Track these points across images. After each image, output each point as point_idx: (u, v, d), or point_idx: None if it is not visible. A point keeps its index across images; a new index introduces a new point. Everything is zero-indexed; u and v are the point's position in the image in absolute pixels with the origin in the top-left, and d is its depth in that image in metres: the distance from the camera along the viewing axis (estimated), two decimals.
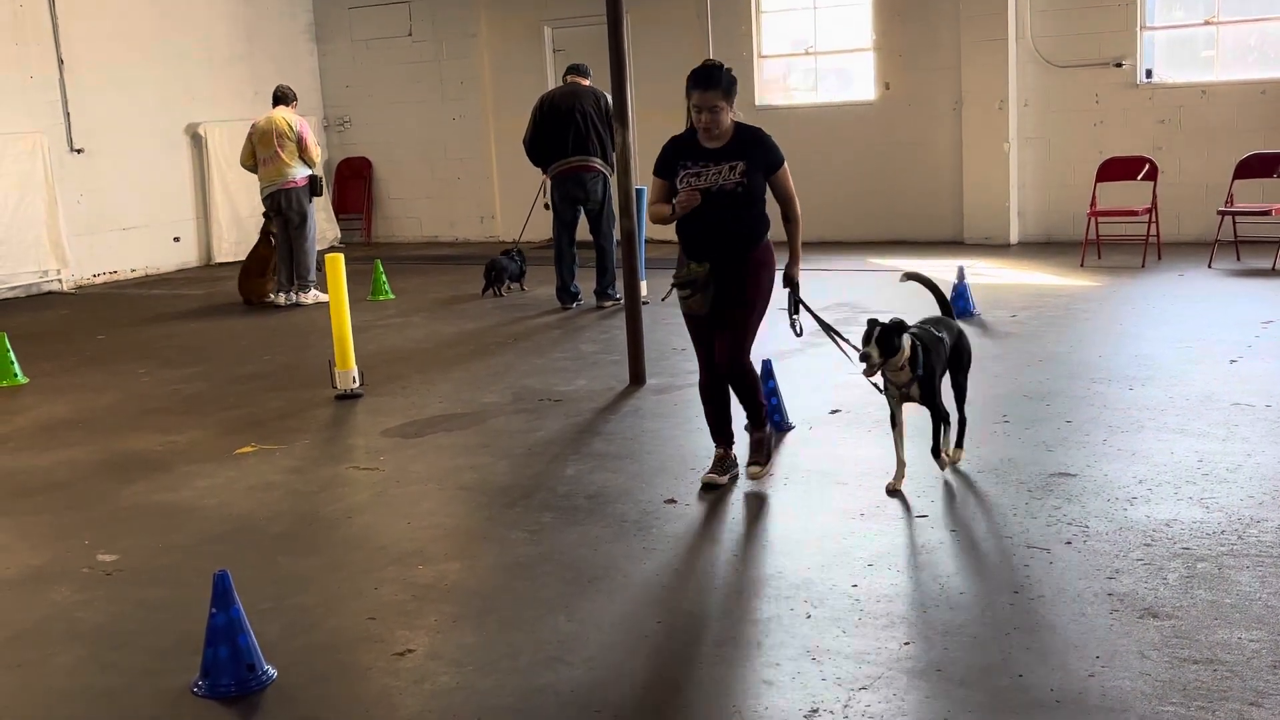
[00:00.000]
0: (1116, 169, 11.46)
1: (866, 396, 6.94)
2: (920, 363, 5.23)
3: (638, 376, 7.64)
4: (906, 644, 3.91)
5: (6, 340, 8.77)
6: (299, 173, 11.22)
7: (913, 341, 5.23)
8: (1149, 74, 12.07)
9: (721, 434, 5.65)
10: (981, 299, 9.26)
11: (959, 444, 5.69)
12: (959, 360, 5.62)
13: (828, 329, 5.82)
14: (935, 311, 5.91)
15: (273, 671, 3.95)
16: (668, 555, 4.80)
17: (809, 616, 4.15)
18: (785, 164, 5.48)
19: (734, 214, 5.36)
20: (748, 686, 3.71)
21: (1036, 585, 4.29)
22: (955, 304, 8.96)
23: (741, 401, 5.64)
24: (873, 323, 5.18)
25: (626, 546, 4.89)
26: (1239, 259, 10.81)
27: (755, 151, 5.39)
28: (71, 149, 13.56)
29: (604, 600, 4.40)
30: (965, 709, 3.49)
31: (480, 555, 4.98)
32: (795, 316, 5.60)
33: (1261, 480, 5.22)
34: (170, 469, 6.40)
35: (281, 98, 11.44)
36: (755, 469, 5.59)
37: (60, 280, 13.35)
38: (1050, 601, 4.16)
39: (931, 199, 13.06)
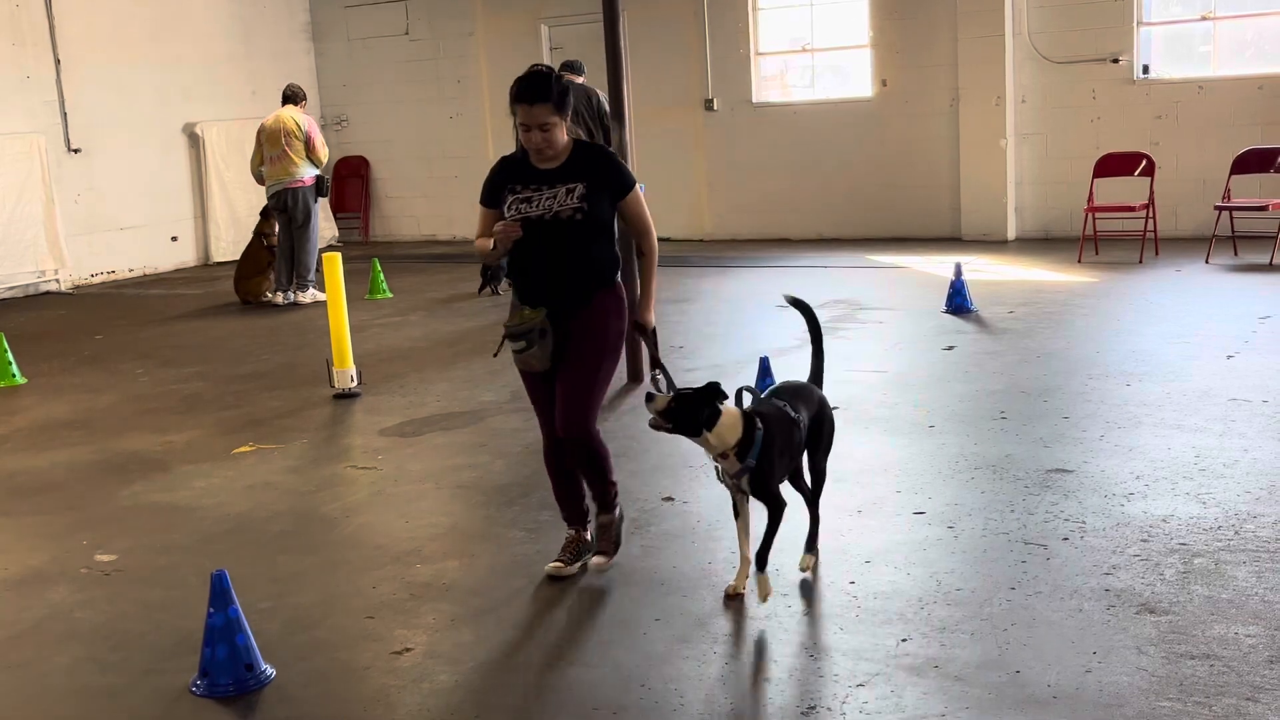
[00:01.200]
0: (1114, 164, 11.47)
1: (864, 393, 6.97)
2: (756, 450, 4.16)
3: (635, 374, 7.64)
4: (904, 640, 3.91)
5: (4, 340, 8.77)
6: (306, 172, 11.25)
7: (750, 421, 4.19)
8: (1146, 69, 12.08)
9: (572, 512, 4.73)
10: (979, 295, 9.27)
11: (810, 547, 4.52)
12: (818, 439, 4.51)
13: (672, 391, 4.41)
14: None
15: (271, 671, 3.95)
16: (665, 553, 4.80)
17: (807, 613, 4.16)
18: (638, 188, 4.56)
19: (574, 247, 4.41)
20: (746, 683, 3.72)
21: (1034, 581, 4.30)
22: (953, 301, 9.02)
23: (585, 478, 4.68)
24: (707, 390, 4.21)
25: (625, 545, 4.89)
26: (1236, 254, 10.82)
27: (599, 172, 4.45)
28: (69, 149, 13.56)
29: (602, 598, 4.41)
30: (962, 705, 3.50)
31: (478, 554, 4.99)
32: (655, 373, 4.48)
33: (1258, 475, 5.22)
34: (168, 469, 6.40)
35: (290, 97, 11.48)
36: (600, 560, 4.64)
37: (58, 280, 13.35)
38: (1047, 597, 4.16)
39: (929, 195, 13.06)
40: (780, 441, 4.24)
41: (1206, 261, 10.60)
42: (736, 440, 4.15)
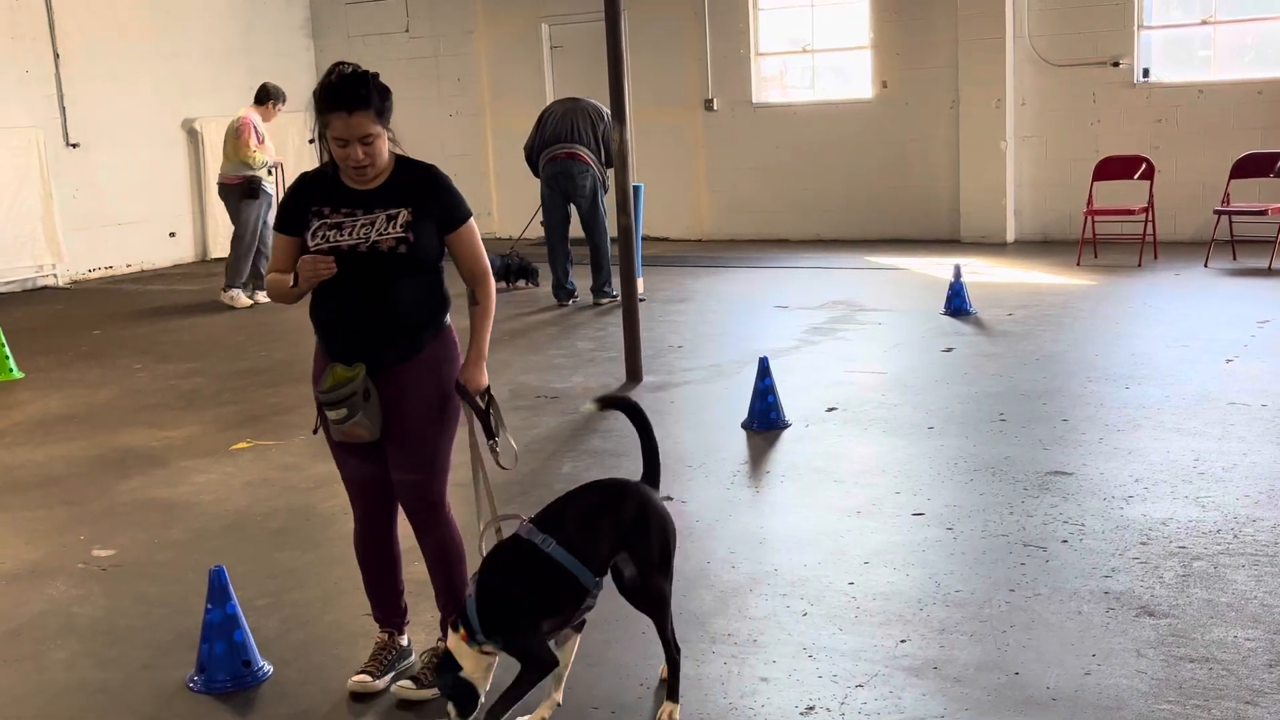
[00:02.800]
0: (1113, 168, 11.47)
1: (863, 394, 6.97)
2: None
3: (635, 373, 7.64)
4: (903, 641, 3.91)
5: (2, 335, 8.75)
6: (233, 171, 11.28)
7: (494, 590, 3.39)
8: (1146, 73, 12.08)
9: (388, 610, 3.95)
10: (978, 297, 9.26)
11: (671, 695, 3.53)
12: (646, 552, 3.51)
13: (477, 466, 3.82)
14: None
15: (269, 667, 3.95)
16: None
17: (805, 614, 4.16)
18: (472, 220, 3.74)
19: (397, 286, 3.58)
20: (745, 684, 3.71)
21: (1033, 583, 4.30)
22: (952, 303, 9.03)
23: (434, 570, 3.85)
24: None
25: None
26: (1235, 258, 10.82)
27: (427, 196, 3.63)
28: (67, 143, 13.53)
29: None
30: (962, 706, 3.49)
31: (475, 553, 4.97)
32: (493, 441, 3.73)
33: (1257, 479, 5.22)
34: (166, 464, 6.39)
35: (257, 96, 11.49)
36: (405, 684, 3.75)
37: (55, 275, 13.33)
38: (1047, 599, 4.16)
39: (928, 197, 13.07)
40: (514, 584, 3.38)
41: (1205, 265, 10.61)
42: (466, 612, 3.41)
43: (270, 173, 11.43)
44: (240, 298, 11.46)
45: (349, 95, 3.49)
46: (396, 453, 3.70)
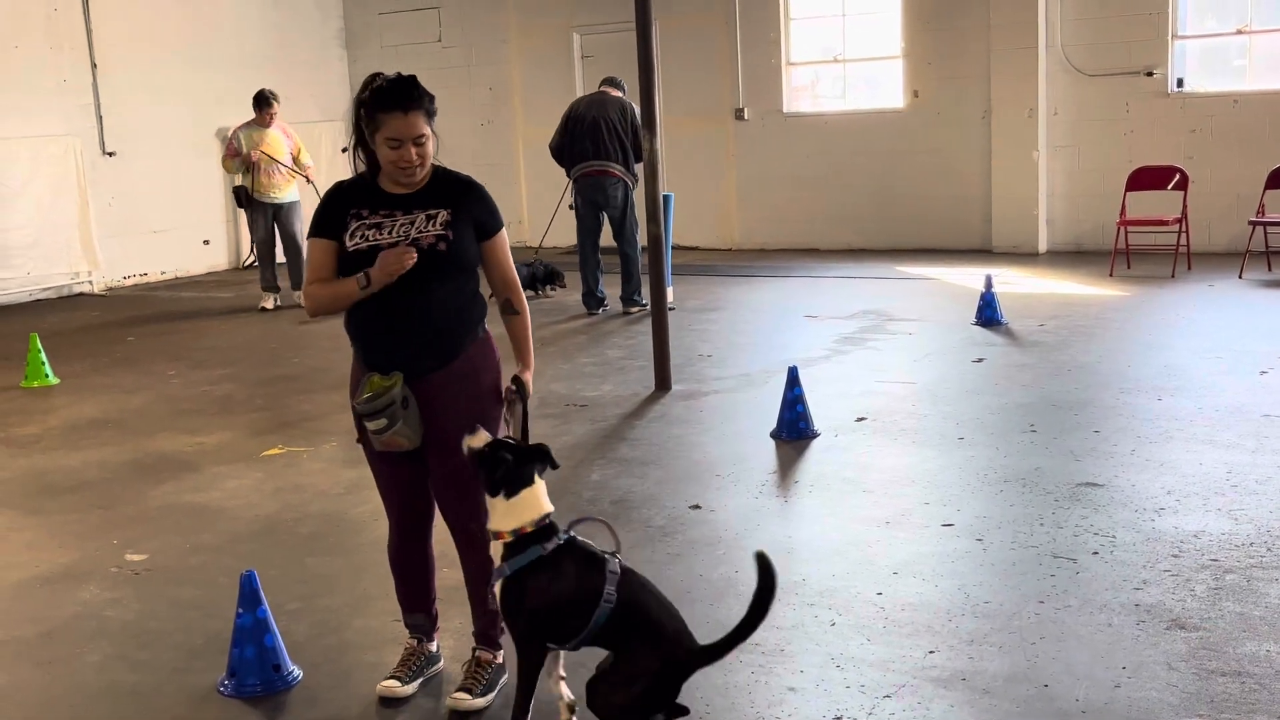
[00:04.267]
0: (1147, 178, 11.40)
1: (893, 404, 6.95)
2: (518, 563, 3.35)
3: (664, 382, 7.64)
4: (931, 652, 3.89)
5: (38, 341, 8.85)
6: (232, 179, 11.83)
7: (542, 532, 3.37)
8: (1180, 83, 12.00)
9: (419, 619, 3.94)
10: (1009, 308, 9.22)
11: None
12: (625, 644, 3.35)
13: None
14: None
15: (298, 672, 3.97)
16: (692, 561, 4.80)
17: (833, 624, 4.15)
18: (505, 231, 3.77)
19: (439, 285, 3.57)
20: (772, 693, 3.70)
21: (1063, 595, 4.27)
22: (983, 313, 9.00)
23: (474, 587, 3.82)
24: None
25: (651, 552, 4.89)
26: (1270, 269, 10.73)
27: (465, 202, 3.64)
28: (104, 152, 13.68)
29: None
30: (990, 718, 3.48)
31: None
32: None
33: None
34: (199, 470, 6.44)
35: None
36: (460, 696, 3.71)
37: (91, 282, 13.47)
38: (1077, 611, 4.14)
39: (960, 207, 13.02)
40: (556, 581, 3.32)
41: (1240, 277, 10.52)
42: (522, 526, 3.34)
43: (249, 173, 11.53)
44: (268, 302, 11.85)
45: (405, 95, 3.53)
46: (437, 462, 3.68)
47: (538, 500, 3.38)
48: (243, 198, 11.64)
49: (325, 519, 5.57)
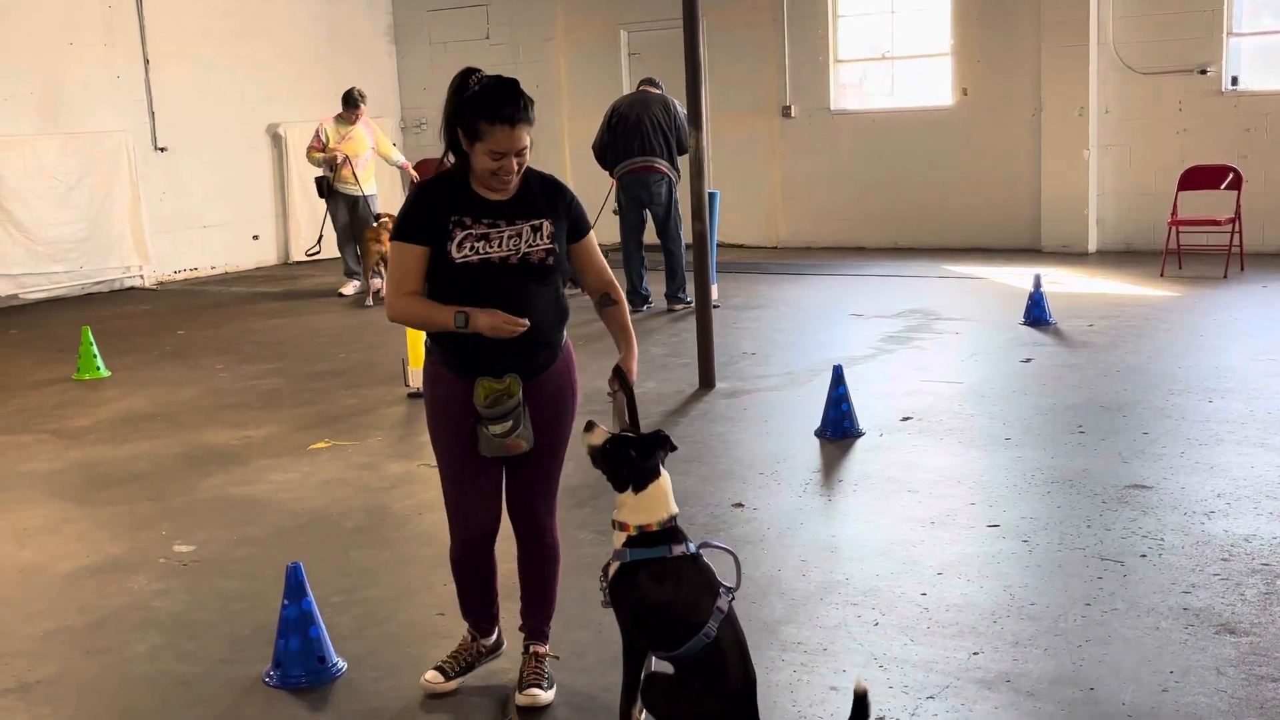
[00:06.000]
0: (1199, 177, 11.26)
1: (939, 404, 6.90)
2: (637, 554, 3.34)
3: (707, 380, 7.63)
4: (975, 654, 3.87)
5: (90, 334, 8.97)
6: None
7: (668, 534, 3.36)
8: (1235, 81, 11.83)
9: (484, 618, 3.87)
10: (1058, 308, 9.14)
11: None
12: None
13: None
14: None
15: (343, 664, 4.00)
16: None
17: (876, 624, 4.13)
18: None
19: (540, 296, 3.55)
20: (814, 692, 3.69)
21: (1110, 598, 4.23)
22: (1031, 313, 8.92)
23: (545, 585, 3.84)
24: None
25: None
26: None
27: (560, 208, 3.61)
28: (156, 148, 13.84)
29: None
30: None
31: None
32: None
33: None
34: (246, 463, 6.51)
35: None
36: (535, 693, 3.71)
37: (142, 276, 13.63)
38: (1124, 615, 4.09)
39: (1008, 206, 12.91)
40: (668, 589, 3.29)
41: None
42: (648, 524, 3.32)
43: (333, 169, 11.86)
44: (348, 288, 12.27)
45: (514, 109, 3.42)
46: (535, 464, 3.64)
47: (665, 496, 3.37)
48: (323, 188, 12.04)
49: (370, 513, 5.61)
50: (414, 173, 12.18)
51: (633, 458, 3.33)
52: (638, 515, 3.34)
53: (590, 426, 3.44)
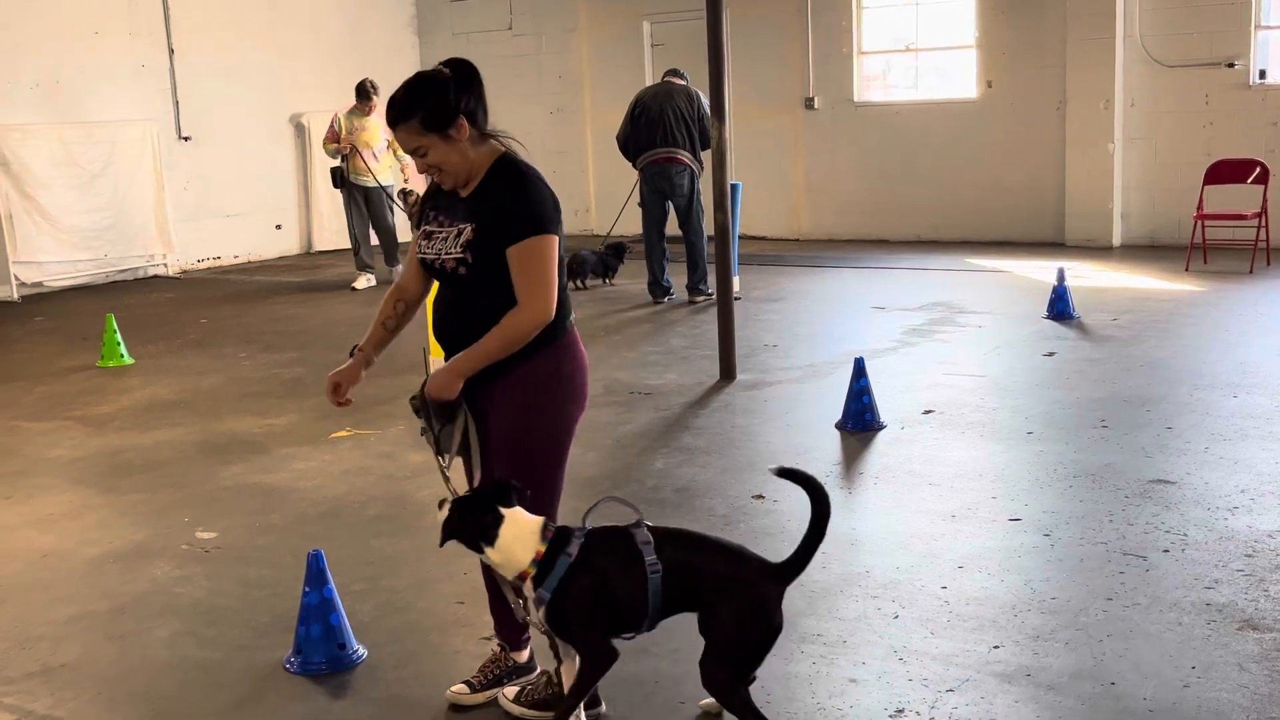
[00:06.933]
0: (1226, 172, 11.17)
1: (961, 397, 6.88)
2: (554, 579, 3.20)
3: (728, 372, 7.63)
4: (996, 647, 3.85)
5: (114, 322, 9.02)
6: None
7: (557, 539, 3.25)
8: (1263, 74, 11.73)
9: (506, 626, 3.73)
10: (1082, 302, 9.09)
11: None
12: (719, 638, 3.23)
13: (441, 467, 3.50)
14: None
15: (363, 651, 4.01)
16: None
17: (897, 616, 4.12)
18: (541, 236, 3.32)
19: (475, 303, 3.39)
20: (833, 684, 3.69)
21: (1132, 593, 4.21)
22: (1054, 307, 8.87)
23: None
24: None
25: None
26: None
27: (494, 210, 3.34)
28: (180, 137, 13.90)
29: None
30: (1055, 715, 3.44)
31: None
32: (441, 458, 3.48)
33: None
34: (268, 451, 6.53)
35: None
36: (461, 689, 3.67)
37: (166, 265, 13.70)
38: (1146, 609, 4.07)
39: (1032, 199, 12.85)
40: (598, 577, 3.21)
41: None
42: (531, 561, 3.21)
43: (344, 159, 11.95)
44: (360, 281, 12.23)
45: (392, 109, 3.36)
46: (500, 471, 3.46)
47: (521, 524, 3.25)
48: (338, 179, 12.08)
49: (391, 501, 5.63)
50: (406, 174, 12.01)
51: (459, 523, 3.25)
52: (515, 559, 3.24)
53: (441, 505, 3.32)
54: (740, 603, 3.20)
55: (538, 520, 3.28)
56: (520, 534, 3.23)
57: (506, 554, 3.23)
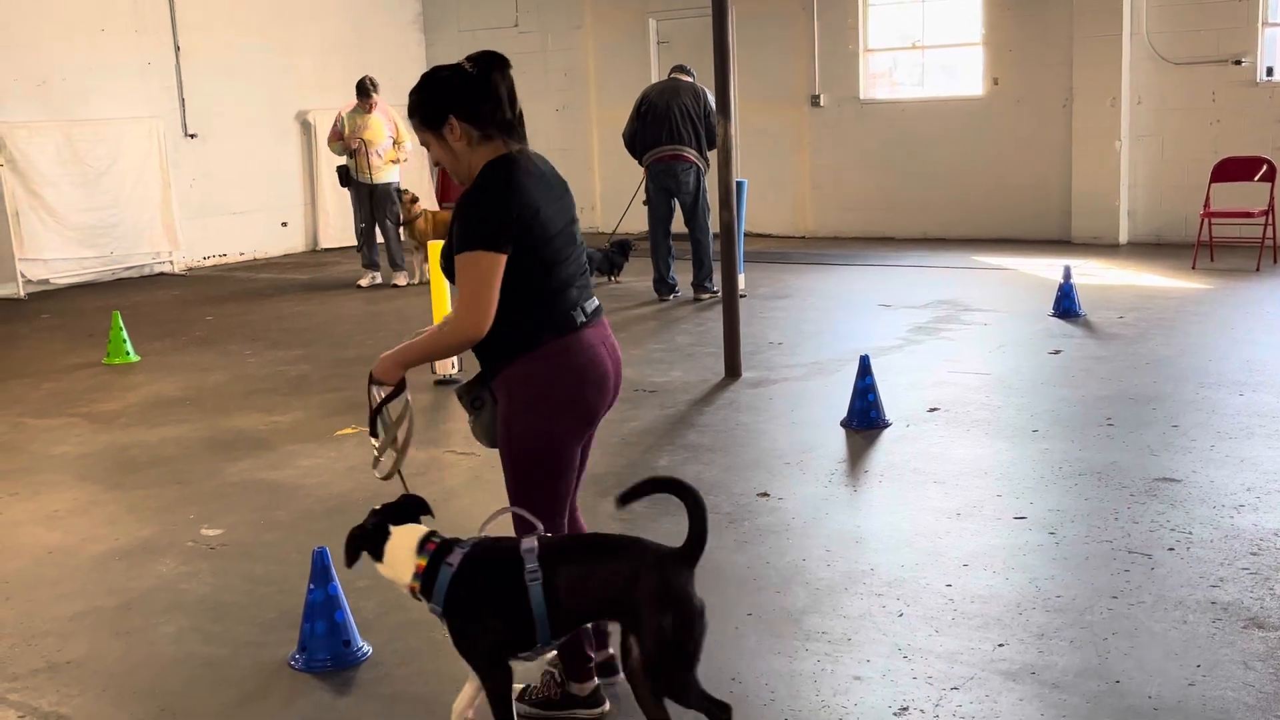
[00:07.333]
0: (1232, 169, 11.15)
1: (966, 395, 6.87)
2: (441, 594, 3.20)
3: (733, 369, 7.63)
4: (1001, 645, 3.85)
5: (120, 319, 9.03)
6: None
7: (438, 552, 3.25)
8: (1270, 72, 11.71)
9: (577, 651, 3.59)
10: (1088, 300, 9.08)
11: None
12: (653, 635, 3.02)
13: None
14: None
15: (368, 648, 4.02)
16: (759, 548, 4.79)
17: (901, 614, 4.12)
18: (473, 253, 3.19)
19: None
20: (837, 682, 3.69)
21: (1137, 591, 4.20)
22: (1061, 305, 8.86)
23: None
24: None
25: (718, 539, 4.87)
26: None
27: (456, 214, 3.30)
28: (186, 134, 13.92)
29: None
30: (1059, 713, 3.43)
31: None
32: (374, 439, 3.55)
33: None
34: (274, 448, 6.54)
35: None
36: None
37: (171, 262, 13.72)
38: (1151, 608, 4.07)
39: (1039, 197, 12.84)
40: (483, 590, 3.16)
41: None
42: (414, 574, 3.22)
43: (352, 156, 11.94)
44: (366, 278, 12.23)
45: (409, 107, 3.40)
46: None
47: (403, 538, 3.28)
48: (343, 177, 12.10)
49: (395, 498, 5.61)
50: (400, 160, 12.05)
51: (352, 540, 3.32)
52: (401, 571, 3.27)
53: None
54: (658, 601, 3.02)
55: (419, 533, 3.29)
56: (401, 547, 3.26)
57: (393, 569, 3.26)
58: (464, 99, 3.32)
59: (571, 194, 3.57)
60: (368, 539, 3.31)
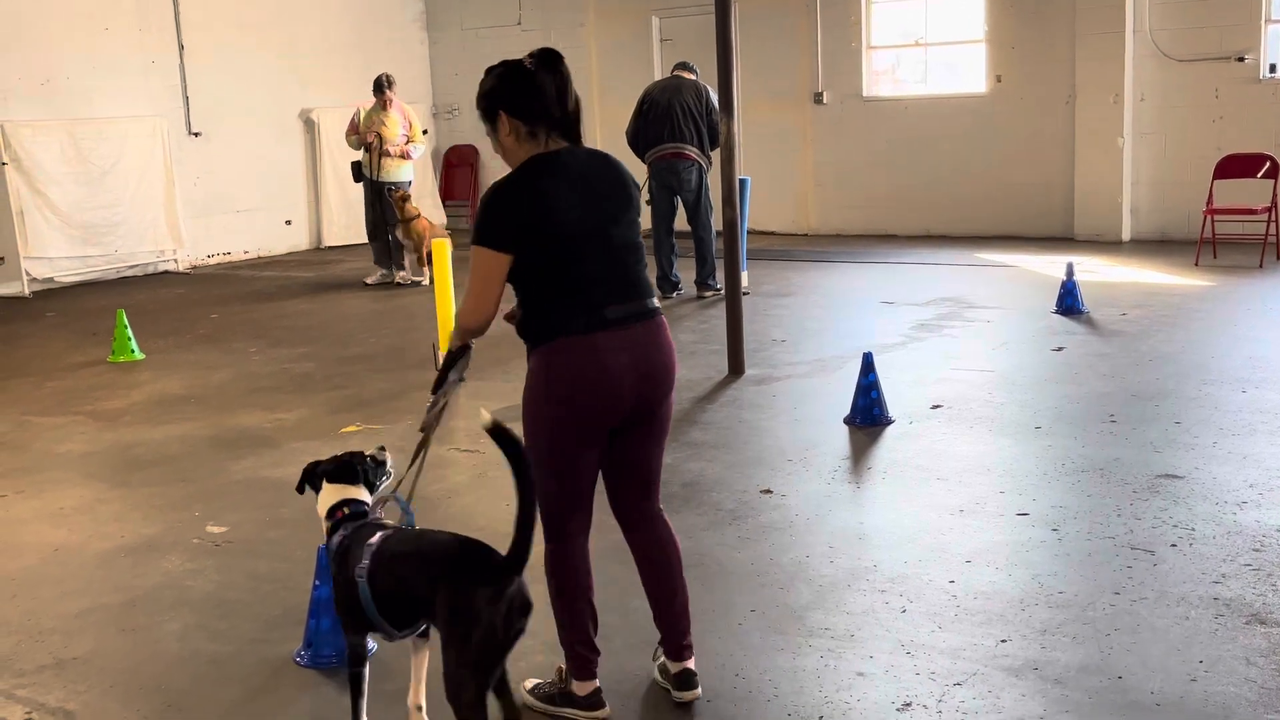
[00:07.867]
0: (1235, 166, 11.15)
1: (969, 392, 6.88)
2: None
3: (737, 367, 7.64)
4: (1003, 641, 3.86)
5: (124, 317, 9.05)
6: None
7: (336, 520, 3.43)
8: (1273, 69, 11.70)
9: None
10: (1091, 297, 9.08)
11: None
12: (446, 638, 3.05)
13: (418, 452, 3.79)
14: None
15: (373, 644, 4.03)
16: (762, 545, 4.80)
17: (904, 611, 4.13)
18: (474, 249, 3.34)
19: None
20: (840, 678, 3.70)
21: (1139, 587, 4.21)
22: (1063, 302, 8.87)
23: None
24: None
25: (721, 535, 4.90)
26: None
27: None
28: (190, 133, 13.94)
29: (697, 588, 4.40)
30: (1062, 708, 3.45)
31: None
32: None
33: None
34: (278, 445, 6.56)
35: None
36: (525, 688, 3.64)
37: (176, 260, 13.74)
38: (1153, 604, 4.08)
39: (1042, 194, 12.83)
40: (336, 573, 3.33)
41: None
42: (327, 531, 3.46)
43: (366, 151, 11.91)
44: (372, 276, 12.24)
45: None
46: None
47: (323, 500, 3.51)
48: (357, 173, 12.08)
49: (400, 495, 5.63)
50: (409, 154, 12.07)
51: (308, 474, 3.60)
52: (323, 525, 3.50)
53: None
54: (448, 613, 3.02)
55: (337, 496, 3.48)
56: (323, 504, 3.50)
57: (321, 520, 3.51)
58: (512, 95, 3.38)
59: (628, 194, 3.57)
60: (312, 482, 3.57)
